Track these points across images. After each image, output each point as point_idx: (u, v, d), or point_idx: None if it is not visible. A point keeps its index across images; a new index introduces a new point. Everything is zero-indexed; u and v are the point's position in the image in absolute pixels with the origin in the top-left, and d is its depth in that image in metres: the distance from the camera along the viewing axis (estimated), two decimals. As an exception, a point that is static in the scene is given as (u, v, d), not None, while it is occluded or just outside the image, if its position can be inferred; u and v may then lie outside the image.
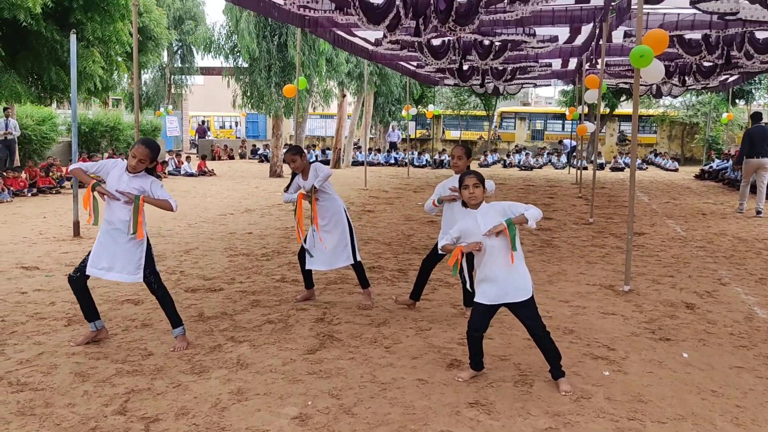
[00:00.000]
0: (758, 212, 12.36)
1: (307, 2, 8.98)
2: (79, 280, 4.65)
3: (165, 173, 20.00)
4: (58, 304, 5.82)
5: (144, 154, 4.52)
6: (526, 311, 4.07)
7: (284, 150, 22.53)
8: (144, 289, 6.22)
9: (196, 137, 36.03)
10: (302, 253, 5.90)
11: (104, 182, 4.63)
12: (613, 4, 10.06)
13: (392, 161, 28.23)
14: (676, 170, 26.74)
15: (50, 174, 15.49)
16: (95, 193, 4.55)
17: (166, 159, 21.70)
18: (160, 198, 4.57)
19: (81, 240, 8.94)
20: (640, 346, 4.93)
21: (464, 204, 4.21)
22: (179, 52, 30.53)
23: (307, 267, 5.87)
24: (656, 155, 30.12)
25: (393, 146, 31.18)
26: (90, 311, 4.74)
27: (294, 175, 5.83)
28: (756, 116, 13.28)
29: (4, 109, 16.85)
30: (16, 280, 6.68)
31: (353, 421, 3.61)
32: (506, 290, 4.03)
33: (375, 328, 5.27)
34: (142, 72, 25.11)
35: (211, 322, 5.34)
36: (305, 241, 5.81)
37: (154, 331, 5.10)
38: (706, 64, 14.89)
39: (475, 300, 4.16)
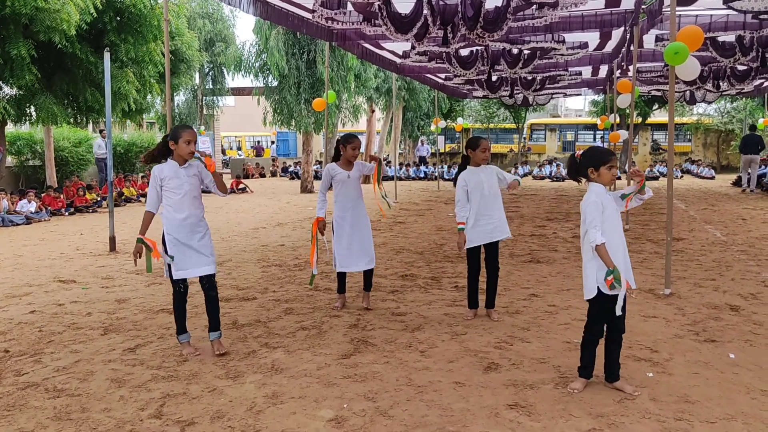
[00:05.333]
0: (751, 191, 18.59)
1: (335, 14, 9.00)
2: (183, 294, 4.73)
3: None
4: (95, 314, 5.86)
5: (194, 134, 4.66)
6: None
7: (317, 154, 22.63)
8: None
9: (254, 155, 38.52)
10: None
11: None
12: (643, 7, 9.93)
13: (422, 175, 28.18)
14: (712, 178, 26.21)
15: (85, 194, 15.76)
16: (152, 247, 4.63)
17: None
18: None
19: (117, 255, 9.04)
20: (685, 347, 4.78)
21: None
22: (210, 73, 30.91)
23: (339, 270, 5.88)
24: (692, 163, 29.57)
25: (422, 160, 31.13)
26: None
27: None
28: (751, 127, 19.90)
29: (101, 131, 18.60)
30: (54, 293, 6.76)
31: (390, 423, 3.53)
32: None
33: (409, 333, 5.20)
34: (174, 94, 25.46)
35: (245, 330, 5.32)
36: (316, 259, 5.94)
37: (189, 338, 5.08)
38: (740, 67, 14.62)
39: (610, 294, 3.84)
